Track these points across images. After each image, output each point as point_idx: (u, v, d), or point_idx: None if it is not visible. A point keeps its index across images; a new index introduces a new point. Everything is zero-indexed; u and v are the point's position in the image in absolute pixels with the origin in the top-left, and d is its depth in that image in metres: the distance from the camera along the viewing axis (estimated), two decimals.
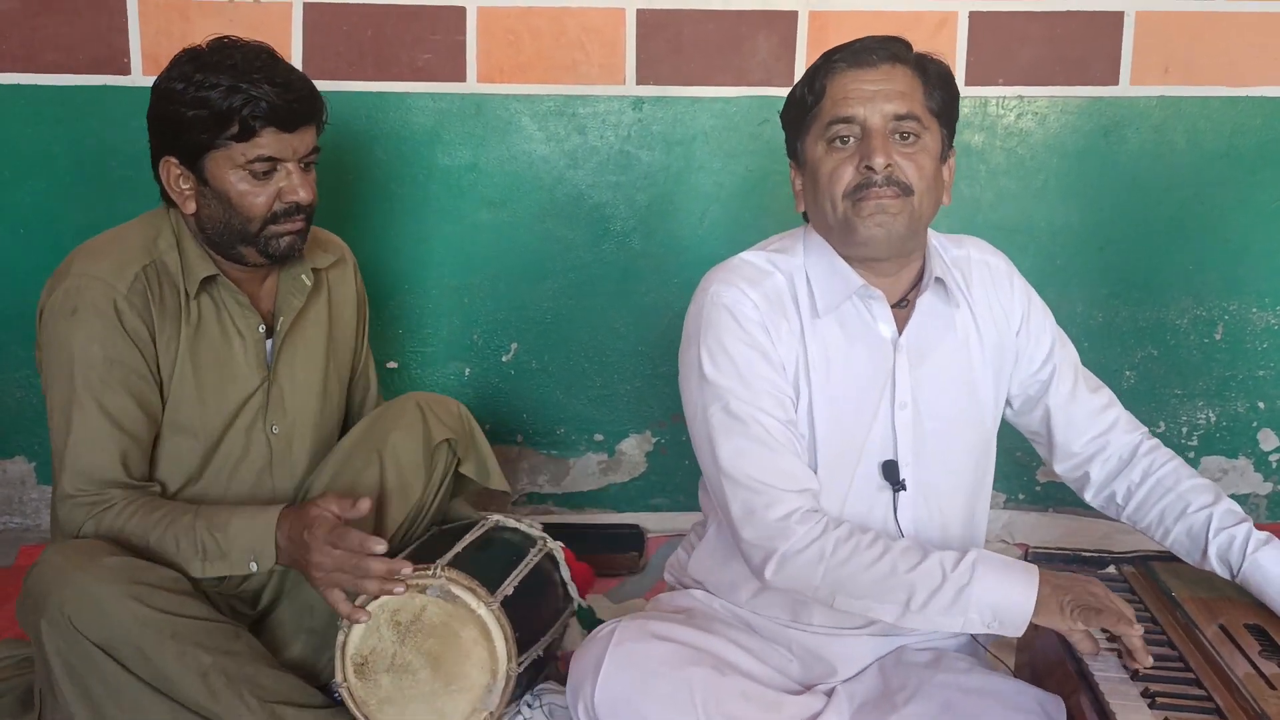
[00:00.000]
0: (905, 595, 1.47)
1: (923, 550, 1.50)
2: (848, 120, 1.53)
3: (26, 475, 2.65)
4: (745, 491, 1.55)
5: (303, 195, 1.70)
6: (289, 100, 1.65)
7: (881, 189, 1.52)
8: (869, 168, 1.52)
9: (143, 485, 1.72)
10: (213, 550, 1.64)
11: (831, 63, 1.56)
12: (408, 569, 1.60)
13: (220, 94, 1.62)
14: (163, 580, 1.61)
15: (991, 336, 1.68)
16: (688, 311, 1.67)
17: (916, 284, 1.65)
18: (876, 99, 1.52)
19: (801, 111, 1.59)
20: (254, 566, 1.65)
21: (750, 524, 1.54)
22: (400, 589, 1.61)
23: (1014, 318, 1.70)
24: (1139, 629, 1.47)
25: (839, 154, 1.55)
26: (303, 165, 1.71)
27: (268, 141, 1.65)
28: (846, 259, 1.61)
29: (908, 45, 1.58)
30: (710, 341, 1.60)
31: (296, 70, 1.70)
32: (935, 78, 1.58)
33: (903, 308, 1.65)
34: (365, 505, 1.62)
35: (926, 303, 1.63)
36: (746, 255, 1.67)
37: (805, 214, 1.68)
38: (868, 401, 1.62)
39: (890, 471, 1.62)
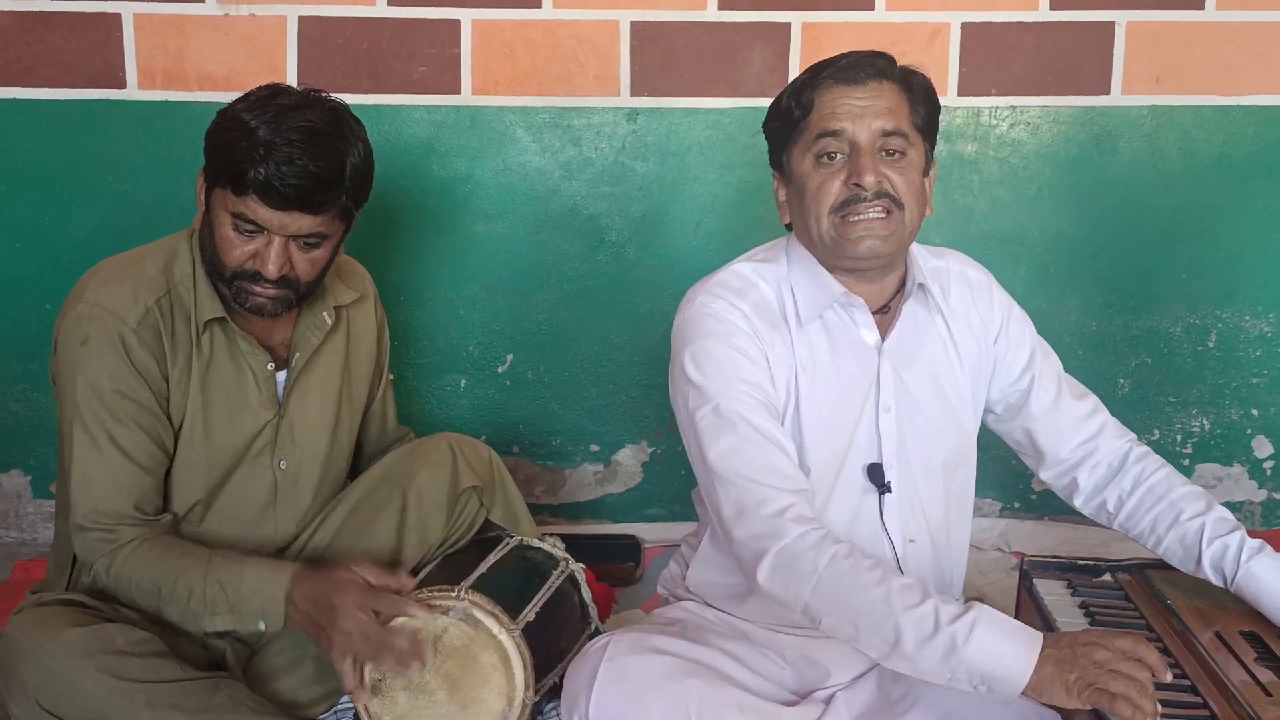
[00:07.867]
0: (894, 635, 1.39)
1: (923, 592, 1.41)
2: (836, 134, 1.54)
3: (23, 489, 2.65)
4: (736, 490, 1.53)
5: (270, 269, 1.63)
6: (284, 182, 1.57)
7: (870, 204, 1.53)
8: (858, 184, 1.53)
9: (154, 518, 1.70)
10: (221, 604, 1.63)
11: (819, 78, 1.57)
12: (429, 654, 1.61)
13: (238, 142, 1.58)
14: (132, 645, 1.59)
15: (969, 346, 1.70)
16: (674, 324, 1.68)
17: (899, 291, 1.66)
18: (865, 115, 1.54)
19: (788, 124, 1.60)
20: (263, 626, 1.63)
21: (742, 522, 1.52)
22: (414, 671, 1.61)
23: (992, 327, 1.72)
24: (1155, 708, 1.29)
25: (826, 169, 1.56)
26: (301, 243, 1.65)
27: (253, 207, 1.60)
28: (830, 268, 1.63)
29: (892, 60, 1.59)
30: (695, 348, 1.61)
31: (333, 156, 1.60)
32: (920, 93, 1.60)
33: (885, 314, 1.66)
34: (408, 583, 1.64)
35: (909, 310, 1.65)
36: (734, 266, 1.69)
37: (789, 225, 1.69)
38: (852, 405, 1.63)
39: (875, 474, 1.63)
